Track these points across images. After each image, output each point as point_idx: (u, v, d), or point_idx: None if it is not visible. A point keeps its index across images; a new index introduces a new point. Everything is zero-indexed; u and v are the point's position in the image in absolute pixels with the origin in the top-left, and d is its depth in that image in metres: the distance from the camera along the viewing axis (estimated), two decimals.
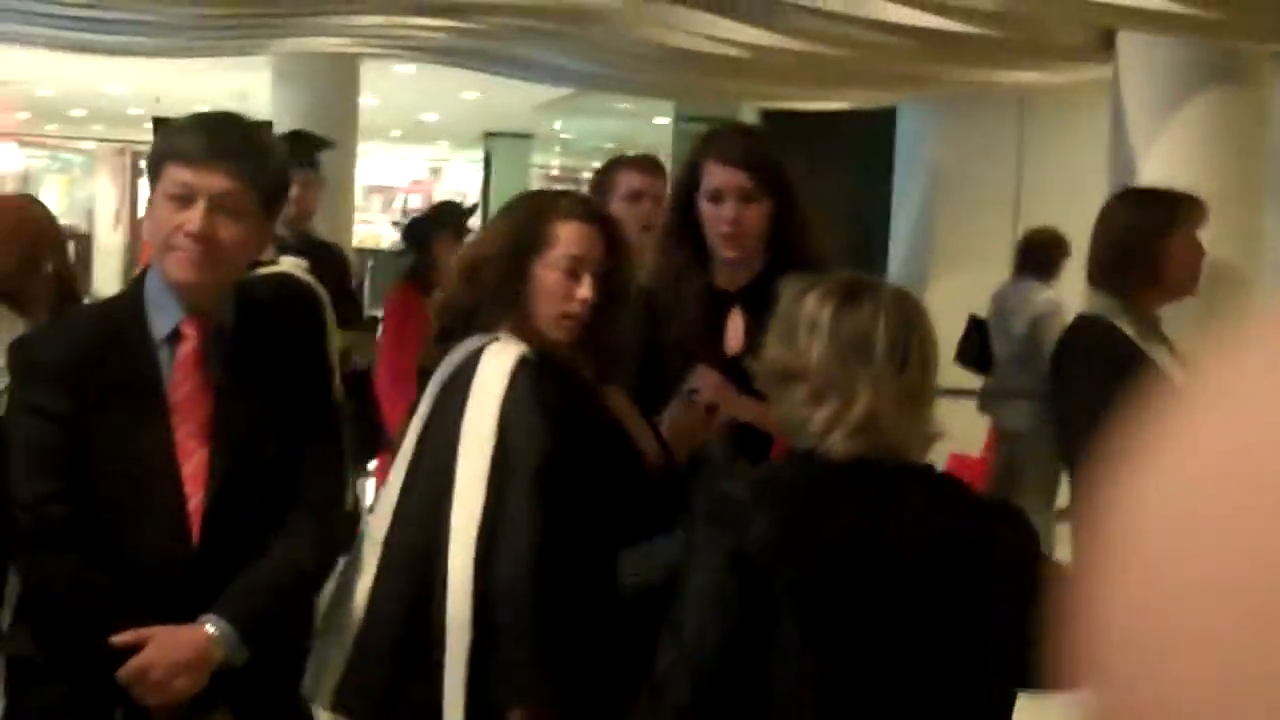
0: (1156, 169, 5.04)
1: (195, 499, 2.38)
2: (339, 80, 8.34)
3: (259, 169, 2.41)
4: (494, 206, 7.87)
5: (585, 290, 2.60)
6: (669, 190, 3.29)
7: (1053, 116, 8.46)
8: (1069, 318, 6.56)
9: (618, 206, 4.11)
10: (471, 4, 6.36)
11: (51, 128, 21.26)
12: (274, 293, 3.18)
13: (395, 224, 21.33)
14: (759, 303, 3.02)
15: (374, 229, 20.34)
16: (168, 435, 2.38)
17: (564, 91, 12.40)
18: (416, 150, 23.00)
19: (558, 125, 15.59)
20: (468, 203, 6.19)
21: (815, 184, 3.46)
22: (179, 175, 2.35)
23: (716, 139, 3.16)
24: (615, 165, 4.20)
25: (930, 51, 5.99)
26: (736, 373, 2.93)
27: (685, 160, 3.19)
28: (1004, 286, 7.05)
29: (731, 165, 3.05)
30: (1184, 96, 5.05)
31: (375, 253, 14.23)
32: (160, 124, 2.69)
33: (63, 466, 2.37)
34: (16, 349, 2.47)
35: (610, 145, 19.40)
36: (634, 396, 3.09)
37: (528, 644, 2.38)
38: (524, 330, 2.58)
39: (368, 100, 9.49)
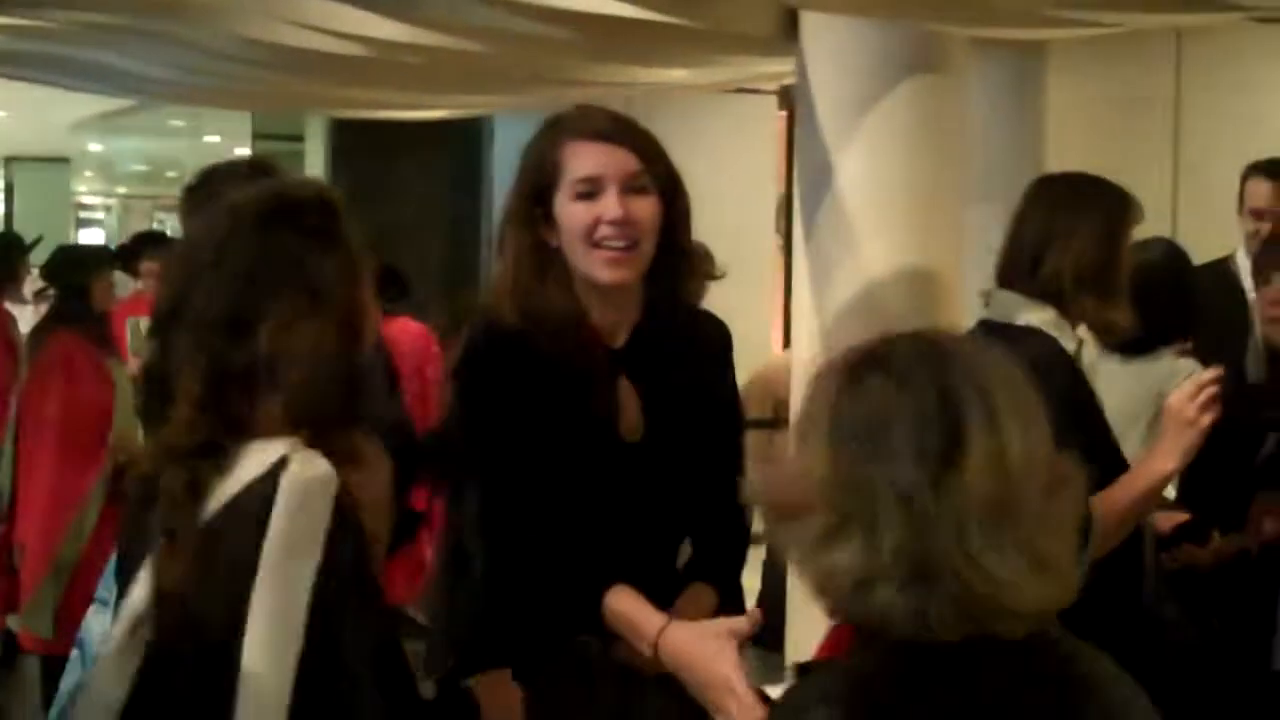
0: (853, 168, 4.57)
1: None
2: None
3: None
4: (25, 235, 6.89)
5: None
6: (511, 201, 2.24)
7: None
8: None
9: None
10: None
11: None
12: None
13: None
14: (649, 361, 2.22)
15: None
16: None
17: (105, 108, 11.09)
18: None
19: (95, 147, 14.08)
20: None
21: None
22: None
23: (570, 116, 2.22)
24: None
25: (591, 46, 5.32)
26: (639, 466, 2.17)
27: (526, 159, 2.22)
28: None
29: (605, 141, 2.16)
30: (878, 89, 4.56)
31: None
32: None
33: None
34: None
35: (147, 167, 17.86)
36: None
37: None
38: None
39: None
